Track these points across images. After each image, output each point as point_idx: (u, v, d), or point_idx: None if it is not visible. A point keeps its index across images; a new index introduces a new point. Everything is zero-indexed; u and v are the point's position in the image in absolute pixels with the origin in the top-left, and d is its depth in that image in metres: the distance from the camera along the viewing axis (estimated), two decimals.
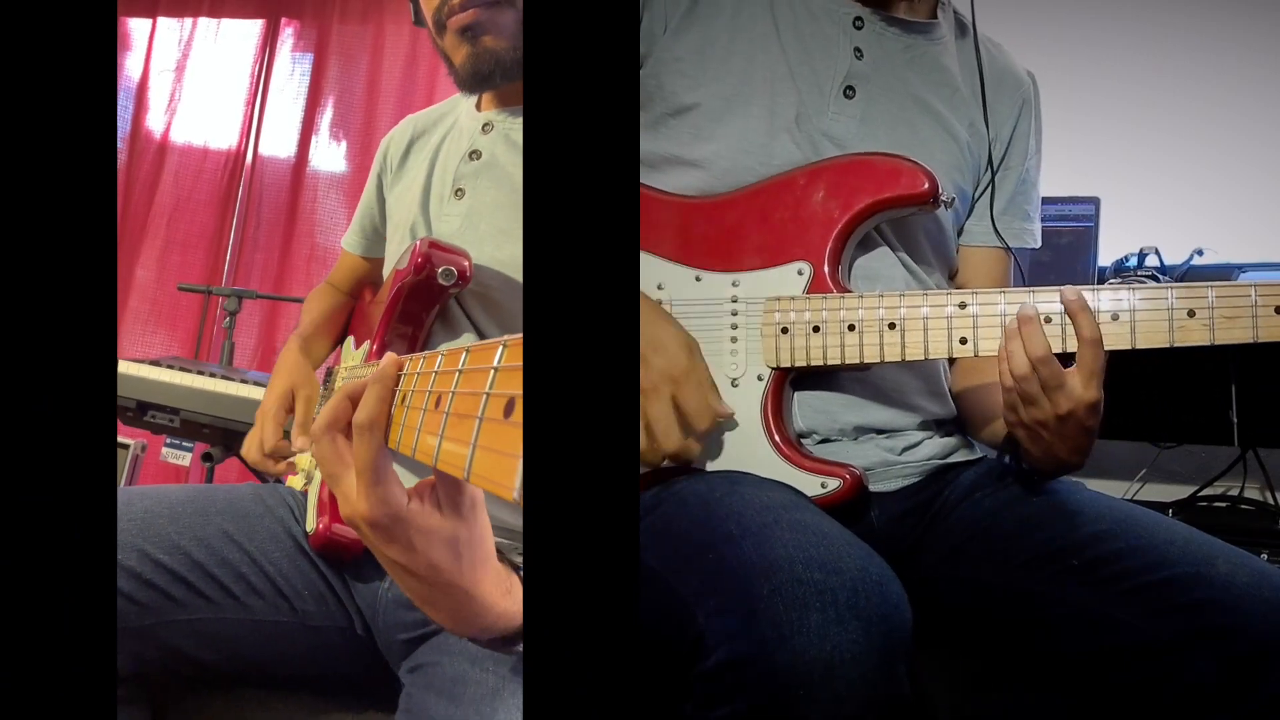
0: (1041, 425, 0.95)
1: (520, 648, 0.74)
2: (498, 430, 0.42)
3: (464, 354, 0.49)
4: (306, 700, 1.06)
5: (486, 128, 1.17)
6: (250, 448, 1.19)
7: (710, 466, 1.01)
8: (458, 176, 1.16)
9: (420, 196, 1.19)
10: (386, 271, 1.23)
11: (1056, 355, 0.98)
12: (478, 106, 1.21)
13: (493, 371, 0.44)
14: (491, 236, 1.10)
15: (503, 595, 0.71)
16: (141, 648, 0.97)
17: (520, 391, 0.41)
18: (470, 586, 0.68)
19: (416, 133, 1.29)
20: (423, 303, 1.09)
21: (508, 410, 0.42)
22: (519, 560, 0.76)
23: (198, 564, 0.99)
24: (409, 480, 0.67)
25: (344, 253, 1.41)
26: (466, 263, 1.06)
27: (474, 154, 1.16)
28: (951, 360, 1.18)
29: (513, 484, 0.40)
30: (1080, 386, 0.92)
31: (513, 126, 1.16)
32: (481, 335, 1.10)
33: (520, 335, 0.43)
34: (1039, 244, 1.21)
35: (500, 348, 0.44)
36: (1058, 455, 0.97)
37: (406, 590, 0.69)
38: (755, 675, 0.73)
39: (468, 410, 0.46)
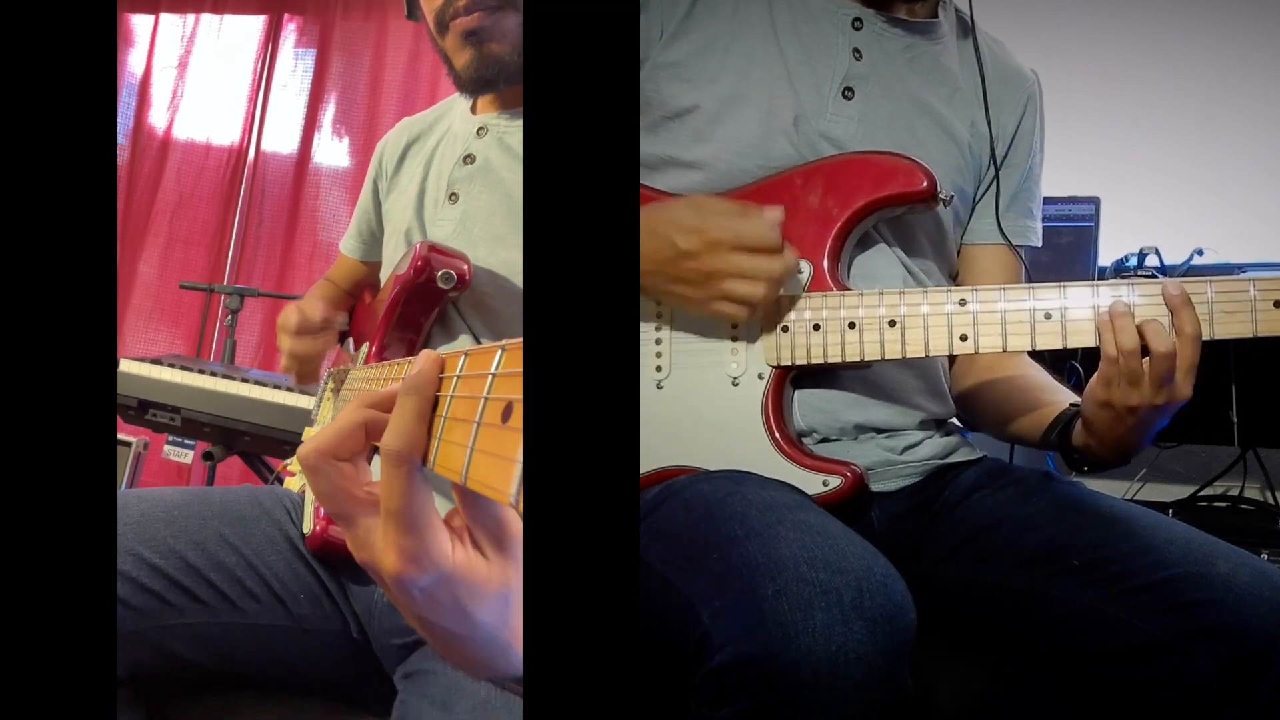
0: (1130, 411, 0.92)
1: None
2: (496, 435, 0.42)
3: (462, 358, 0.49)
4: (302, 704, 1.06)
5: (481, 132, 1.16)
6: (288, 314, 1.24)
7: (711, 465, 1.01)
8: (452, 181, 1.16)
9: (415, 201, 1.19)
10: (384, 276, 1.23)
11: (1054, 351, 0.98)
12: (472, 109, 1.20)
13: (491, 376, 0.44)
14: (485, 241, 1.10)
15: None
16: (137, 652, 0.96)
17: (519, 396, 0.40)
18: (512, 639, 0.54)
19: (411, 137, 1.28)
20: (422, 306, 1.08)
21: (506, 415, 0.41)
22: None
23: (193, 568, 0.99)
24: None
25: (342, 256, 1.41)
26: (466, 266, 1.05)
27: (468, 158, 1.15)
28: (951, 361, 1.19)
29: (510, 489, 0.40)
30: (1181, 382, 0.91)
31: (507, 130, 1.15)
32: (476, 340, 1.10)
33: (519, 340, 0.43)
34: (1040, 242, 1.21)
35: (499, 352, 0.44)
36: (1125, 446, 0.96)
37: (435, 645, 0.56)
38: (761, 675, 0.74)
39: (465, 414, 0.46)
